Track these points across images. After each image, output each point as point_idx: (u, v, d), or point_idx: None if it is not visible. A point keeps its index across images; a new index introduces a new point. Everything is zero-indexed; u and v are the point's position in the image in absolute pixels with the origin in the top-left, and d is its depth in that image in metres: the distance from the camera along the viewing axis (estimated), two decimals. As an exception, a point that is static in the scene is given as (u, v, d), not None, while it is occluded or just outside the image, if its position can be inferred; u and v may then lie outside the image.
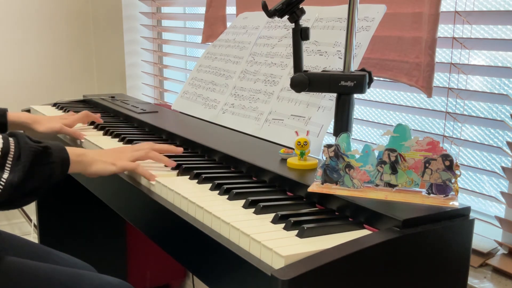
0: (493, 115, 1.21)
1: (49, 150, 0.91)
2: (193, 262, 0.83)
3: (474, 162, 1.25)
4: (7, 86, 2.56)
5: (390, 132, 0.81)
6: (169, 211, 0.88)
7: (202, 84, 1.51)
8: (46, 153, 0.91)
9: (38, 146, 0.90)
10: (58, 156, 0.93)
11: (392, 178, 0.82)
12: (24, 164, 0.87)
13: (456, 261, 0.79)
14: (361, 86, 0.98)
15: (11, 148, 0.87)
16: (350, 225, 0.77)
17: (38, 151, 0.90)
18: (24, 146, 0.88)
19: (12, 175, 0.86)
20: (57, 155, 0.93)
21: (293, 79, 1.02)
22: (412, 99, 1.37)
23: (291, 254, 0.66)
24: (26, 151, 0.88)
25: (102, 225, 1.89)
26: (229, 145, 1.13)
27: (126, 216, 1.09)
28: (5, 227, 2.64)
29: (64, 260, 1.21)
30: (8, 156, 0.87)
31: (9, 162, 0.87)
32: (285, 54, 1.31)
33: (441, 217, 0.76)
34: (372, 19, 1.14)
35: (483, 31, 1.20)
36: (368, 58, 1.26)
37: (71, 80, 2.74)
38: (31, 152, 0.88)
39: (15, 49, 2.57)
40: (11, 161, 0.87)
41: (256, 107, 1.28)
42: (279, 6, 0.99)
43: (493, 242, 1.13)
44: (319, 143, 1.08)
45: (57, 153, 0.93)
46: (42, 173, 0.90)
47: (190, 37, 2.37)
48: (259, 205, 0.81)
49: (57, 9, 2.64)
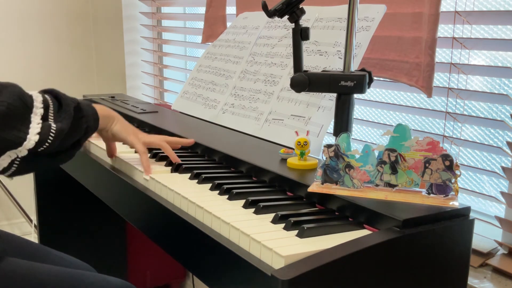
0: (493, 115, 1.21)
1: (80, 105, 0.97)
2: (193, 262, 0.83)
3: (474, 162, 1.25)
4: (7, 86, 2.55)
5: (390, 132, 0.81)
6: (169, 211, 0.88)
7: (202, 84, 1.51)
8: (79, 108, 0.96)
9: (74, 99, 0.97)
10: (89, 110, 0.99)
11: (392, 178, 0.82)
12: (68, 115, 0.93)
13: (456, 261, 0.79)
14: (361, 86, 0.98)
15: (50, 102, 0.92)
16: (350, 225, 0.77)
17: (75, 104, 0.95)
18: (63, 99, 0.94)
19: (60, 125, 0.91)
20: (88, 109, 0.98)
21: (293, 79, 1.02)
22: (412, 99, 1.37)
23: (291, 254, 0.66)
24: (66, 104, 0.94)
25: (102, 225, 1.89)
26: (229, 145, 1.13)
27: (126, 216, 1.09)
28: (5, 227, 2.64)
29: (64, 260, 1.21)
30: (49, 108, 0.91)
31: (51, 114, 0.91)
32: (285, 54, 1.31)
33: (441, 217, 0.76)
34: (372, 19, 1.14)
35: (483, 31, 1.20)
36: (368, 58, 1.26)
37: (71, 80, 2.74)
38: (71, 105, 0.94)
39: (15, 49, 2.57)
40: (53, 112, 0.91)
41: (256, 107, 1.28)
42: (279, 6, 0.99)
43: (493, 242, 1.13)
44: (319, 143, 1.08)
45: (88, 108, 0.99)
46: (81, 125, 0.96)
47: (190, 37, 2.37)
48: (259, 205, 0.81)
49: (57, 9, 2.64)
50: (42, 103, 0.91)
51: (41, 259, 1.16)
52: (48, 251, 1.22)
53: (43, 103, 0.91)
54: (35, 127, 0.88)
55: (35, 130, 0.88)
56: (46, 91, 0.96)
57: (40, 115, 0.90)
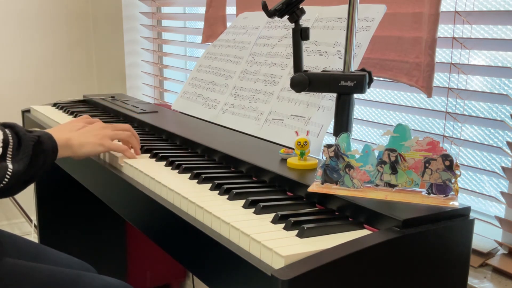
0: (493, 115, 1.21)
1: (41, 138, 0.96)
2: (193, 262, 0.83)
3: (474, 162, 1.25)
4: (7, 86, 2.56)
5: (390, 132, 0.81)
6: (169, 211, 0.88)
7: (202, 84, 1.51)
8: (40, 142, 0.95)
9: (34, 136, 0.95)
10: (49, 144, 0.97)
11: (392, 178, 0.82)
12: (27, 154, 0.91)
13: (456, 261, 0.79)
14: (361, 86, 0.98)
15: (10, 139, 0.91)
16: (350, 225, 0.77)
17: (35, 141, 0.94)
18: (24, 137, 0.93)
19: (17, 166, 0.90)
20: (48, 143, 0.97)
21: (293, 79, 1.02)
22: (412, 99, 1.37)
23: (291, 254, 0.66)
24: (26, 142, 0.92)
25: (102, 225, 1.89)
26: (229, 145, 1.13)
27: (126, 216, 1.09)
28: (5, 227, 2.64)
29: (63, 260, 1.21)
30: (9, 146, 0.90)
31: (9, 152, 0.90)
32: (285, 54, 1.31)
33: (441, 217, 0.76)
34: (372, 19, 1.14)
35: (483, 31, 1.20)
36: (368, 58, 1.26)
37: (71, 80, 2.74)
38: (31, 142, 0.93)
39: (15, 49, 2.57)
40: (12, 151, 0.90)
41: (256, 107, 1.28)
42: (279, 6, 0.99)
43: (493, 242, 1.13)
44: (319, 143, 1.08)
45: (47, 141, 0.97)
46: (38, 162, 0.95)
47: (190, 37, 2.37)
48: (259, 205, 0.81)
49: (57, 9, 2.64)
50: (1, 142, 0.90)
51: (41, 259, 1.16)
52: (48, 251, 1.22)
53: (2, 142, 0.90)
54: None
55: None
56: (6, 125, 0.95)
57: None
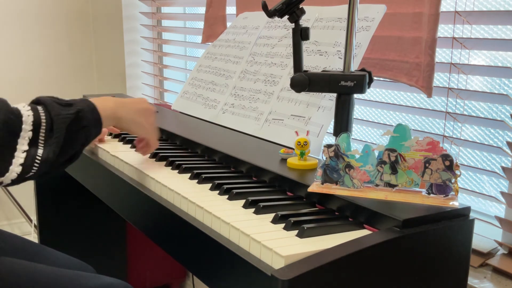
0: (493, 115, 1.21)
1: (81, 113, 0.87)
2: (193, 262, 0.83)
3: (474, 162, 1.25)
4: (7, 86, 2.56)
5: (390, 132, 0.81)
6: (169, 211, 0.88)
7: (202, 84, 1.51)
8: (78, 118, 0.87)
9: (70, 114, 0.86)
10: (91, 118, 0.89)
11: (392, 178, 0.82)
12: (59, 138, 0.83)
13: (456, 261, 0.79)
14: (361, 86, 0.98)
15: (42, 120, 0.83)
16: (350, 225, 0.77)
17: (70, 120, 0.85)
18: (56, 118, 0.84)
19: (47, 152, 0.82)
20: (90, 117, 0.89)
21: (293, 79, 1.02)
22: (412, 99, 1.37)
23: (291, 254, 0.66)
24: (59, 123, 0.84)
25: (102, 225, 1.89)
26: (229, 145, 1.13)
27: (126, 216, 1.09)
28: (5, 227, 2.64)
29: (63, 260, 1.21)
30: (41, 128, 0.82)
31: (42, 135, 0.83)
32: (285, 54, 1.31)
33: (441, 217, 0.76)
34: (372, 19, 1.14)
35: (483, 31, 1.20)
36: (368, 58, 1.26)
37: (71, 80, 2.74)
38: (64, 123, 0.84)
39: (15, 49, 2.57)
40: (44, 134, 0.83)
41: (256, 107, 1.28)
42: (279, 6, 0.99)
43: (493, 242, 1.13)
44: (319, 143, 1.08)
45: (89, 115, 0.89)
46: (77, 141, 0.87)
47: (190, 37, 2.37)
48: (259, 205, 0.81)
49: (57, 9, 2.64)
50: (31, 124, 0.82)
51: (40, 259, 1.16)
52: (47, 251, 1.22)
53: (32, 125, 0.82)
54: (19, 156, 0.81)
55: (18, 160, 0.81)
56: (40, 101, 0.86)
57: (28, 139, 0.82)
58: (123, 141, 1.26)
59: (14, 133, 0.81)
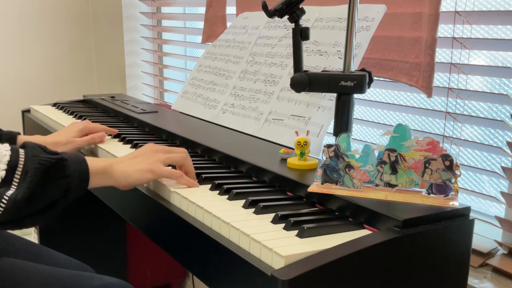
0: (493, 115, 1.21)
1: (64, 162, 0.81)
2: (193, 262, 0.83)
3: (474, 162, 1.25)
4: (7, 86, 2.56)
5: (390, 132, 0.81)
6: (169, 211, 0.88)
7: (202, 84, 1.51)
8: (59, 166, 0.81)
9: (50, 158, 0.80)
10: (75, 169, 0.82)
11: (392, 178, 0.82)
12: (31, 179, 0.77)
13: (456, 261, 0.79)
14: (361, 86, 0.98)
15: (20, 161, 0.78)
16: (350, 225, 0.77)
17: (49, 163, 0.79)
18: (33, 159, 0.79)
19: (16, 192, 0.77)
20: (75, 168, 0.82)
21: (293, 79, 1.02)
22: (412, 99, 1.37)
23: (291, 254, 0.65)
24: (34, 165, 0.78)
25: (102, 225, 1.89)
26: (229, 145, 1.13)
27: (126, 216, 1.09)
28: (5, 227, 2.63)
29: (62, 261, 1.21)
30: (16, 170, 0.77)
31: (16, 177, 0.77)
32: (285, 54, 1.31)
33: (441, 217, 0.76)
34: (372, 19, 1.14)
35: (483, 31, 1.20)
36: (368, 58, 1.26)
37: (71, 80, 2.74)
38: (40, 166, 0.78)
39: (15, 49, 2.57)
40: (19, 176, 0.77)
41: (256, 107, 1.28)
42: (279, 6, 0.99)
43: (493, 242, 1.13)
44: (319, 143, 1.08)
45: (74, 165, 0.82)
46: (54, 188, 0.80)
47: (190, 37, 2.37)
48: (259, 205, 0.81)
49: (57, 9, 2.64)
50: (6, 163, 0.77)
51: (40, 259, 1.16)
52: (47, 252, 1.22)
53: (7, 164, 0.77)
54: None
55: None
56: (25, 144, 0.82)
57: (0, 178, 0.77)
58: (123, 141, 1.26)
59: None
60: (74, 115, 1.57)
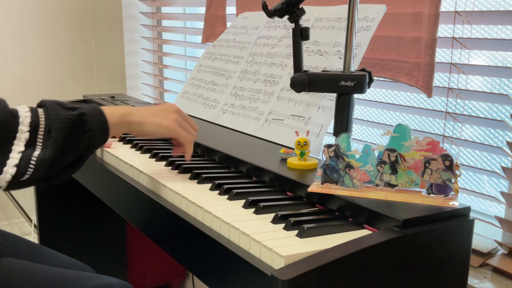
0: (493, 115, 1.21)
1: (84, 117, 0.83)
2: (193, 262, 0.83)
3: (474, 162, 1.25)
4: (7, 86, 2.56)
5: (390, 132, 0.81)
6: (169, 211, 0.88)
7: (202, 84, 1.51)
8: (80, 121, 0.82)
9: (70, 115, 0.81)
10: (95, 122, 0.84)
11: (392, 178, 0.82)
12: (56, 139, 0.79)
13: (456, 261, 0.79)
14: (361, 86, 0.98)
15: (41, 121, 0.79)
16: (350, 225, 0.77)
17: (70, 121, 0.81)
18: (54, 118, 0.80)
19: (43, 152, 0.78)
20: (94, 120, 0.84)
21: (293, 79, 1.02)
22: (412, 99, 1.37)
23: (291, 254, 0.66)
24: (56, 124, 0.80)
25: (102, 225, 1.89)
26: (229, 145, 1.13)
27: (126, 216, 1.09)
28: (5, 227, 2.64)
29: (62, 261, 1.21)
30: (39, 130, 0.79)
31: (40, 137, 0.79)
32: (285, 54, 1.31)
33: (441, 217, 0.76)
34: (372, 19, 1.14)
35: (483, 31, 1.20)
36: (368, 58, 1.26)
37: (71, 80, 2.74)
38: (63, 124, 0.80)
39: (15, 49, 2.57)
40: (43, 135, 0.79)
41: (256, 107, 1.28)
42: (279, 6, 0.99)
43: (493, 242, 1.13)
44: (319, 143, 1.08)
45: (94, 118, 0.84)
46: (78, 144, 0.82)
47: (190, 37, 2.37)
48: (259, 205, 0.81)
49: (57, 9, 2.64)
50: (29, 125, 0.79)
51: (40, 259, 1.16)
52: (47, 252, 1.22)
53: (30, 125, 0.79)
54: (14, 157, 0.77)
55: (13, 162, 0.77)
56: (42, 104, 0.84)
57: (25, 140, 0.78)
58: (123, 141, 1.26)
59: (10, 133, 0.78)
60: (74, 115, 1.57)
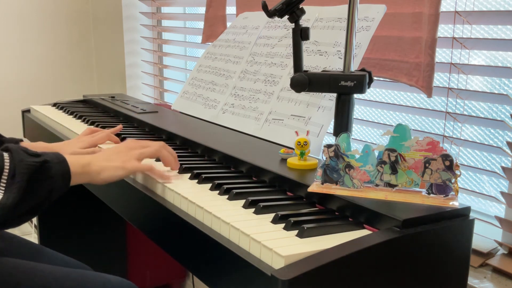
0: (493, 115, 1.21)
1: (48, 164, 0.84)
2: (193, 262, 0.83)
3: (474, 162, 1.25)
4: (7, 86, 2.56)
5: (390, 132, 0.81)
6: (169, 211, 0.88)
7: (202, 84, 1.51)
8: (44, 168, 0.83)
9: (35, 161, 0.82)
10: (58, 169, 0.85)
11: (392, 178, 0.82)
12: (20, 184, 0.79)
13: (456, 261, 0.79)
14: (361, 86, 0.98)
15: (5, 166, 0.80)
16: (350, 225, 0.77)
17: (35, 167, 0.82)
18: (19, 163, 0.80)
19: (6, 196, 0.78)
20: (58, 168, 0.85)
21: (293, 79, 1.02)
22: (412, 99, 1.37)
23: (291, 254, 0.66)
24: (21, 169, 0.80)
25: (102, 225, 1.89)
26: (229, 145, 1.13)
27: (126, 216, 1.09)
28: (5, 227, 2.64)
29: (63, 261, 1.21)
30: (2, 174, 0.79)
31: (3, 182, 0.79)
32: (285, 54, 1.31)
33: (441, 217, 0.76)
34: (372, 19, 1.14)
35: (483, 31, 1.20)
36: (368, 58, 1.26)
37: (71, 80, 2.74)
38: (27, 169, 0.80)
39: (15, 49, 2.57)
40: (6, 180, 0.79)
41: (256, 107, 1.28)
42: (279, 6, 0.99)
43: (493, 242, 1.13)
44: (319, 143, 1.08)
45: (57, 166, 0.85)
46: (40, 190, 0.83)
47: (190, 37, 2.37)
48: (259, 205, 0.81)
49: (57, 9, 2.64)
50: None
51: (40, 259, 1.16)
52: (47, 252, 1.22)
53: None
54: None
55: None
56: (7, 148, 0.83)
57: None
58: (122, 141, 1.26)
59: None
60: (74, 115, 1.57)
